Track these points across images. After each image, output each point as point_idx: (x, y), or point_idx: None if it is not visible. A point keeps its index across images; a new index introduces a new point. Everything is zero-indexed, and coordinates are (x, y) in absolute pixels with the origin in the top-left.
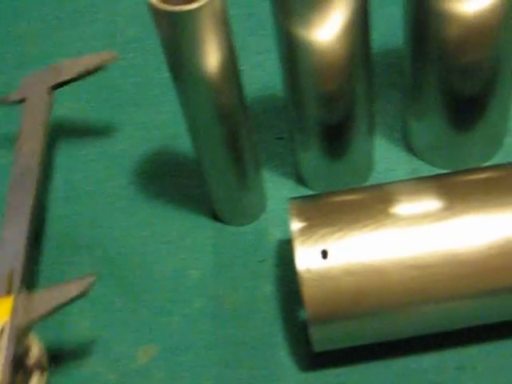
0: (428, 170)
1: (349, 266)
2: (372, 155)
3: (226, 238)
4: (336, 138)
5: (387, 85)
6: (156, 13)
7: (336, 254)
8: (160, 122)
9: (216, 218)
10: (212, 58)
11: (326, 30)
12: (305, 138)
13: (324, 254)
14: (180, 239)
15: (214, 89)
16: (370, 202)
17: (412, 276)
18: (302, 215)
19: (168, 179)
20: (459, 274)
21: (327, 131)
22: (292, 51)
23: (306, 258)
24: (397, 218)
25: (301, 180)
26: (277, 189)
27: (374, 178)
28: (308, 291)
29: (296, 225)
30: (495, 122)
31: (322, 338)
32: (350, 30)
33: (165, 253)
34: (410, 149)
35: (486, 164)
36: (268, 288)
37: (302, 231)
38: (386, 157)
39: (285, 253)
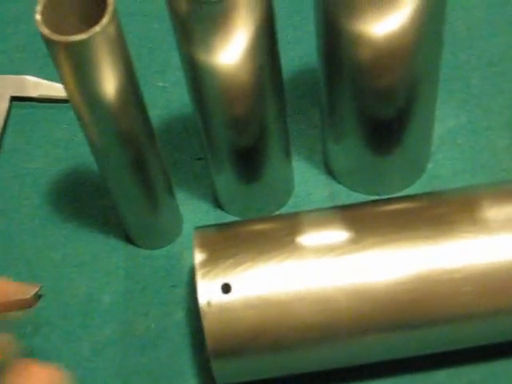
0: (346, 195)
1: (251, 301)
2: (290, 179)
3: (139, 261)
4: (249, 162)
5: (309, 105)
6: (48, 43)
7: (238, 288)
8: (77, 141)
9: (129, 240)
10: (109, 85)
11: (229, 56)
12: (218, 161)
13: (226, 287)
14: (92, 262)
15: (113, 114)
16: (277, 234)
17: (316, 310)
18: (205, 246)
19: (83, 200)
20: (365, 309)
21: (239, 155)
22: (196, 76)
23: (207, 292)
24: (303, 251)
25: (218, 203)
26: (193, 211)
27: (293, 202)
28: (209, 325)
29: (199, 256)
30: (415, 147)
31: (224, 372)
32: (255, 55)
33: (77, 276)
34: (329, 172)
35: (407, 190)
36: (179, 315)
37: (205, 263)
38: (306, 180)
39: None
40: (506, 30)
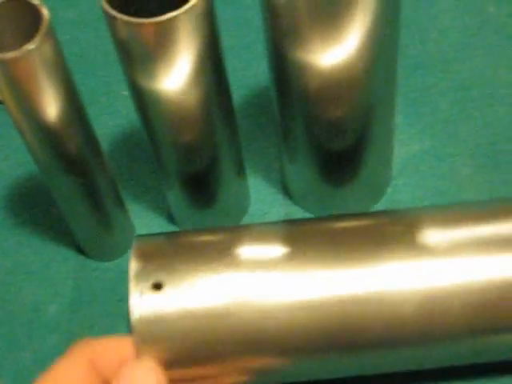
0: (302, 216)
1: (183, 313)
2: (245, 198)
3: (88, 272)
4: (200, 186)
5: (269, 123)
6: None
7: (170, 303)
8: None
9: (80, 251)
10: (46, 102)
11: (172, 80)
12: (169, 182)
13: (156, 286)
14: (42, 271)
15: (52, 131)
16: (217, 246)
17: (250, 324)
18: (142, 256)
19: (39, 206)
20: (300, 326)
21: (190, 178)
22: (141, 100)
23: (139, 304)
24: (239, 264)
25: (172, 218)
26: (147, 226)
27: (248, 221)
28: (138, 339)
29: (134, 267)
30: (372, 173)
31: None
32: (199, 78)
33: (25, 284)
34: (286, 192)
35: None
36: (123, 330)
37: (139, 274)
38: (262, 199)
39: None
40: (480, 54)
